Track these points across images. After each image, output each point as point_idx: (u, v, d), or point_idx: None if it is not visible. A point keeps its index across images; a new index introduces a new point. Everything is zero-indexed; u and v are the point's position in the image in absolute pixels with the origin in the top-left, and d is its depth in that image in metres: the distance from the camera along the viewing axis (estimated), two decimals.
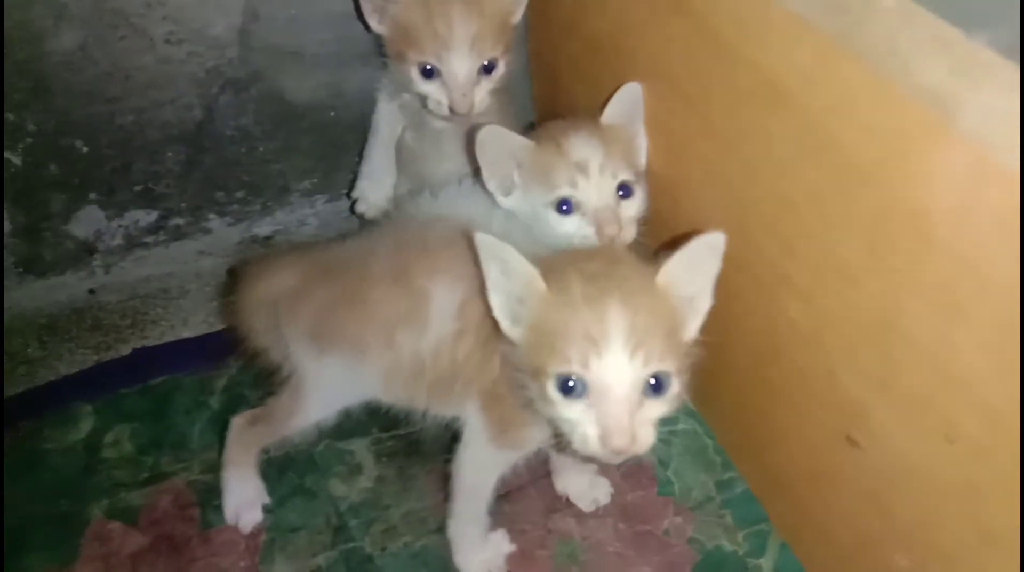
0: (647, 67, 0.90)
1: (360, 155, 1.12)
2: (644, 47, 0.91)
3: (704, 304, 0.70)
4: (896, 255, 0.62)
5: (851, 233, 0.66)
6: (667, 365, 0.66)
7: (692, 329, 0.70)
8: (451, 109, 0.94)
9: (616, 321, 0.65)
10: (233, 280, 0.95)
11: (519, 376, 0.71)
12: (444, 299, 0.80)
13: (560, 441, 0.70)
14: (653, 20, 0.87)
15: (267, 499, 0.96)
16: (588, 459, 0.75)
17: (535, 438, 0.81)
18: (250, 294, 0.90)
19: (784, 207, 0.74)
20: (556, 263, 0.70)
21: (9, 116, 1.02)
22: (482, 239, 0.69)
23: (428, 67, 0.93)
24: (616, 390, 0.65)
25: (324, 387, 0.88)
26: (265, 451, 0.96)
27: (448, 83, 0.93)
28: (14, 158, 1.05)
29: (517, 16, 0.98)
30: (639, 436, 0.65)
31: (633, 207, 0.89)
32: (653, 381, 0.66)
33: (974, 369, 0.59)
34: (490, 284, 0.70)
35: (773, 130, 0.72)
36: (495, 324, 0.71)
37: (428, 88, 0.95)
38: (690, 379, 0.70)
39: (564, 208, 0.87)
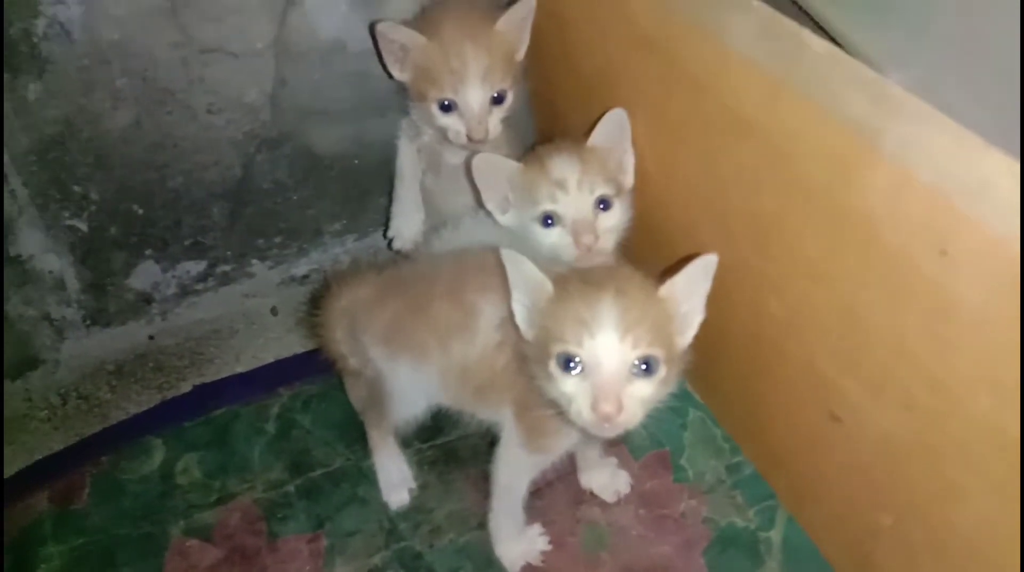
0: (631, 98, 1.01)
1: (385, 196, 1.24)
2: (627, 82, 1.02)
3: (698, 317, 0.79)
4: (847, 255, 0.73)
5: (810, 238, 0.78)
6: (656, 351, 0.74)
7: (687, 337, 0.80)
8: (469, 137, 1.05)
9: (608, 308, 0.74)
10: (316, 298, 1.11)
11: (532, 368, 0.80)
12: (491, 313, 0.89)
13: (562, 416, 0.78)
14: (632, 59, 0.99)
15: (412, 484, 1.09)
16: (591, 437, 0.83)
17: (561, 445, 0.91)
18: (333, 306, 1.03)
19: (756, 218, 0.86)
20: (565, 274, 0.81)
21: (76, 188, 1.15)
22: (507, 253, 0.80)
23: (446, 102, 1.05)
24: (606, 364, 0.73)
25: (401, 387, 0.99)
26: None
27: (465, 114, 1.05)
28: (80, 224, 1.19)
29: (521, 53, 1.10)
30: (627, 407, 0.73)
31: (611, 219, 0.98)
32: (643, 364, 0.74)
33: (920, 347, 0.69)
34: (513, 293, 0.81)
35: (740, 153, 0.84)
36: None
37: (447, 121, 1.07)
38: (686, 375, 0.80)
39: (548, 221, 0.98)
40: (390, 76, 1.09)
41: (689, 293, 0.78)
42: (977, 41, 0.72)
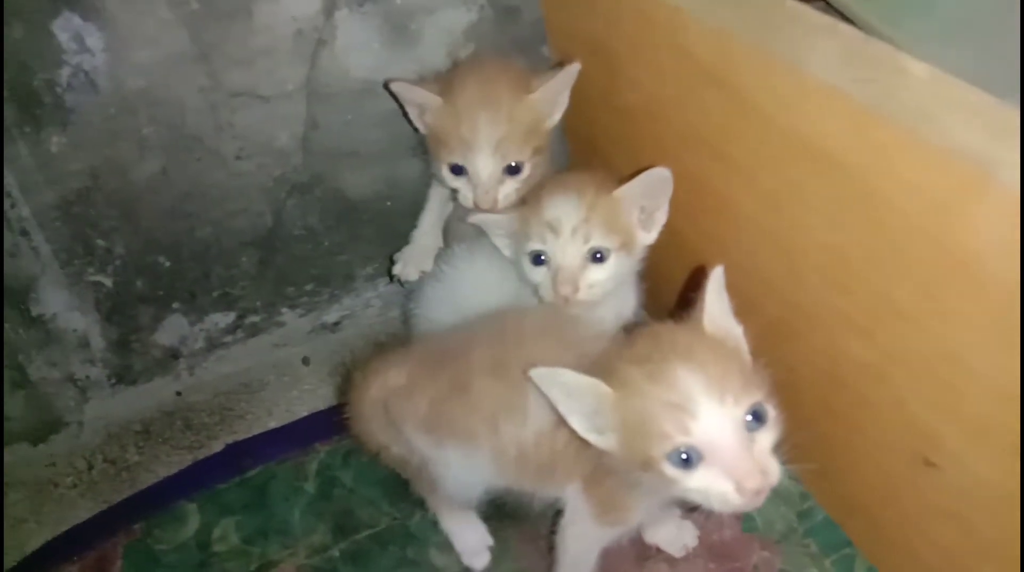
0: (685, 133, 0.97)
1: None
2: (681, 117, 0.97)
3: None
4: (950, 296, 0.68)
5: (904, 277, 0.72)
6: (756, 396, 0.68)
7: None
8: (476, 205, 1.02)
9: (693, 377, 0.67)
10: (343, 387, 1.02)
11: (633, 478, 0.73)
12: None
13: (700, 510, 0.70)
14: (688, 93, 0.94)
15: (490, 541, 1.02)
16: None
17: (637, 515, 0.84)
18: (362, 399, 0.93)
19: (835, 256, 0.80)
20: (607, 364, 0.72)
21: (100, 242, 1.10)
22: (536, 373, 0.71)
23: (456, 165, 1.02)
24: (726, 439, 0.66)
25: (453, 473, 0.90)
26: None
27: (473, 181, 1.01)
28: (105, 279, 1.14)
29: (554, 119, 1.05)
30: (767, 468, 0.66)
31: (602, 273, 0.93)
32: (750, 417, 0.67)
33: None
34: (562, 410, 0.72)
35: (817, 188, 0.79)
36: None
37: (458, 183, 1.04)
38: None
39: (540, 259, 0.94)
40: (415, 129, 1.07)
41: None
42: None
